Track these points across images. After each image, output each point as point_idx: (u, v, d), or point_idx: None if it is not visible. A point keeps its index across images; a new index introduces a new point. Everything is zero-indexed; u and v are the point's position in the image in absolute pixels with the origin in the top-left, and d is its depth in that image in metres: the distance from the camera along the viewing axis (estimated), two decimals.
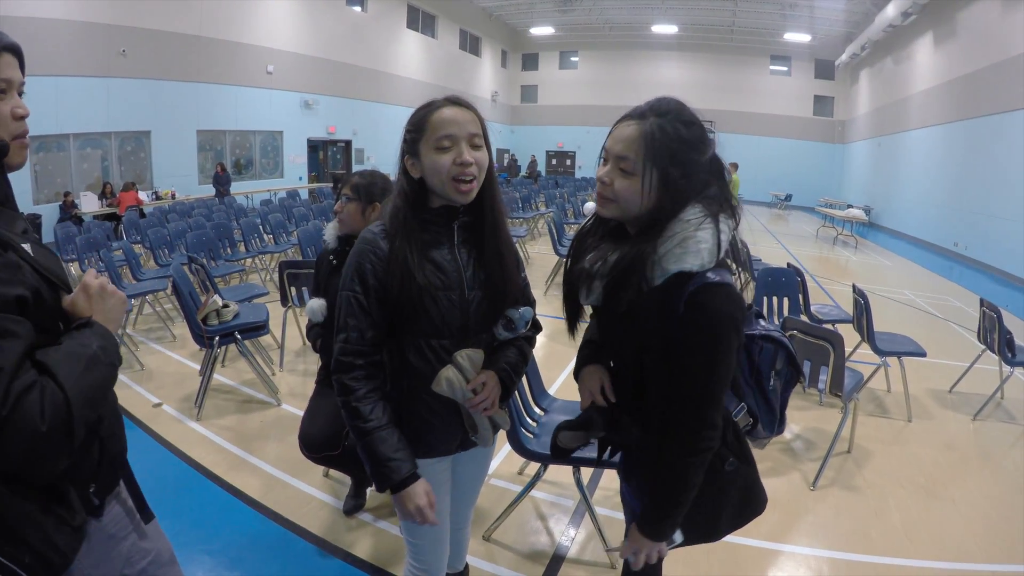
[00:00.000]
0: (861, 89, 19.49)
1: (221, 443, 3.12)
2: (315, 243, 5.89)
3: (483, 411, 1.34)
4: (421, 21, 19.14)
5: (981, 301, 4.06)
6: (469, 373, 1.31)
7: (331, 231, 2.23)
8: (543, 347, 4.52)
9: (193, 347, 4.26)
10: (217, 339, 3.46)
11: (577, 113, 23.66)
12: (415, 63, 18.76)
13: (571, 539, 2.42)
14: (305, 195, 13.41)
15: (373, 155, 17.29)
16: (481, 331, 1.36)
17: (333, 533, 2.39)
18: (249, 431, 3.27)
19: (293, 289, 4.11)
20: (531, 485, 2.40)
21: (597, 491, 2.74)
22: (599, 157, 1.20)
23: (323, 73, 15.24)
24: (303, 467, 2.76)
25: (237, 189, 12.97)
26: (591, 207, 1.27)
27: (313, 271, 2.45)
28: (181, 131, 11.98)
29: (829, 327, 2.93)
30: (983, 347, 4.06)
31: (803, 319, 3.91)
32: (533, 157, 24.13)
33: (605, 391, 1.31)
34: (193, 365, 4.23)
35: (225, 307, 3.57)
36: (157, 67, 11.09)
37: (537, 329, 1.50)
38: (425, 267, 1.27)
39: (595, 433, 1.32)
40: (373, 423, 1.25)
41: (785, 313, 4.29)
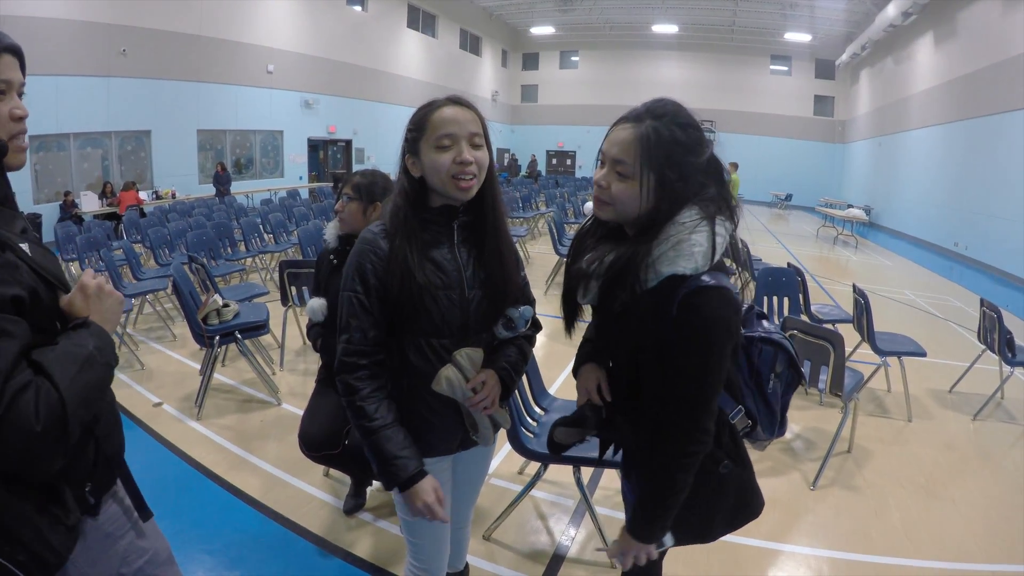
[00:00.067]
0: (861, 89, 19.49)
1: (221, 442, 3.12)
2: (315, 243, 5.90)
3: (483, 410, 1.34)
4: (421, 21, 19.13)
5: (981, 301, 4.06)
6: (469, 372, 1.31)
7: (332, 230, 2.24)
8: (543, 347, 4.53)
9: (193, 346, 4.26)
10: (217, 338, 3.47)
11: (577, 113, 23.65)
12: (415, 63, 18.76)
13: (571, 539, 2.42)
14: (305, 195, 13.40)
15: (373, 155, 17.29)
16: (481, 330, 1.36)
17: (333, 532, 2.39)
18: (249, 430, 3.27)
19: (293, 288, 4.11)
20: (531, 485, 2.41)
21: (597, 491, 2.74)
22: (596, 160, 1.20)
23: (323, 73, 15.23)
24: (303, 466, 2.76)
25: (237, 188, 12.97)
26: (591, 207, 1.27)
27: (313, 270, 2.45)
28: (181, 130, 11.98)
29: (829, 327, 2.93)
30: (983, 347, 4.06)
31: (803, 319, 3.91)
32: (533, 157, 24.12)
33: (601, 390, 1.31)
34: (193, 364, 4.23)
35: (225, 306, 3.57)
36: (157, 66, 11.09)
37: (537, 328, 1.50)
38: (425, 266, 1.27)
39: (588, 431, 1.32)
40: (379, 422, 1.26)
41: (785, 313, 4.28)
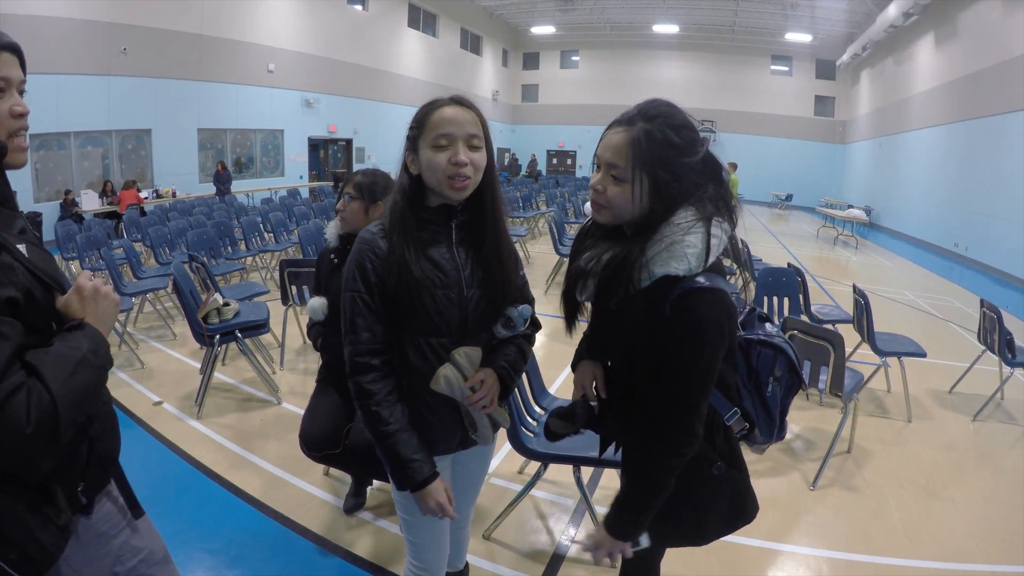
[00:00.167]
0: (862, 89, 19.48)
1: (221, 441, 3.12)
2: (316, 242, 5.90)
3: (482, 409, 1.35)
4: (422, 20, 19.13)
5: (981, 302, 4.06)
6: (467, 371, 1.31)
7: (332, 230, 2.24)
8: (543, 346, 4.53)
9: (194, 345, 4.26)
10: (218, 337, 3.47)
11: (578, 112, 23.64)
12: (416, 62, 18.75)
13: (571, 538, 2.42)
14: (306, 194, 13.40)
15: (374, 154, 17.29)
16: (480, 329, 1.37)
17: (333, 532, 2.39)
18: (249, 429, 3.27)
19: (294, 288, 4.11)
20: (531, 484, 2.41)
21: (597, 490, 2.74)
22: (592, 163, 1.20)
23: (324, 72, 15.23)
24: (303, 466, 2.76)
25: (238, 188, 12.97)
26: (591, 208, 1.29)
27: (314, 270, 2.46)
28: (182, 129, 11.98)
29: (829, 327, 2.93)
30: (983, 348, 4.06)
31: (803, 319, 3.91)
32: (533, 156, 24.11)
33: (597, 386, 1.32)
34: (194, 363, 4.23)
35: (226, 305, 3.57)
36: (158, 65, 11.09)
37: (536, 327, 1.50)
38: (422, 262, 1.28)
39: (577, 425, 1.34)
40: (394, 426, 1.27)
41: (785, 313, 4.29)
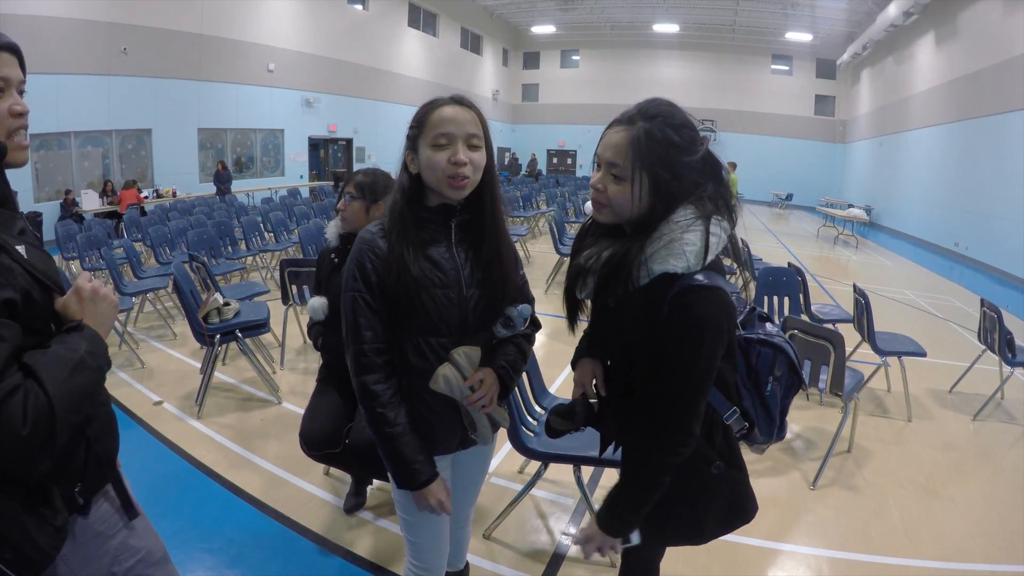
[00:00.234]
0: (862, 89, 19.47)
1: (222, 441, 3.13)
2: (316, 241, 5.90)
3: (481, 409, 1.35)
4: (422, 19, 19.12)
5: (981, 301, 4.05)
6: (466, 370, 1.31)
7: (333, 229, 2.24)
8: (543, 346, 4.53)
9: (194, 345, 4.27)
10: (218, 337, 3.47)
11: (578, 112, 23.64)
12: (416, 61, 18.75)
13: (564, 532, 2.42)
14: (306, 193, 13.40)
15: (374, 153, 17.29)
16: (479, 329, 1.37)
17: (334, 531, 2.39)
18: (250, 429, 3.27)
19: (294, 287, 4.11)
20: (532, 484, 2.41)
21: (597, 490, 2.74)
22: (592, 162, 1.21)
23: (324, 71, 15.22)
24: (304, 465, 2.77)
25: (238, 187, 12.97)
26: (591, 207, 1.30)
27: (314, 269, 2.46)
28: (182, 129, 11.98)
29: (830, 327, 2.93)
30: (983, 347, 4.06)
31: (804, 319, 3.91)
32: (533, 156, 24.09)
33: (597, 384, 1.32)
34: (194, 363, 4.23)
35: (226, 305, 3.57)
36: (158, 65, 11.09)
37: (536, 327, 1.50)
38: (421, 262, 1.28)
39: (577, 423, 1.34)
40: (399, 428, 1.29)
41: (786, 313, 4.29)
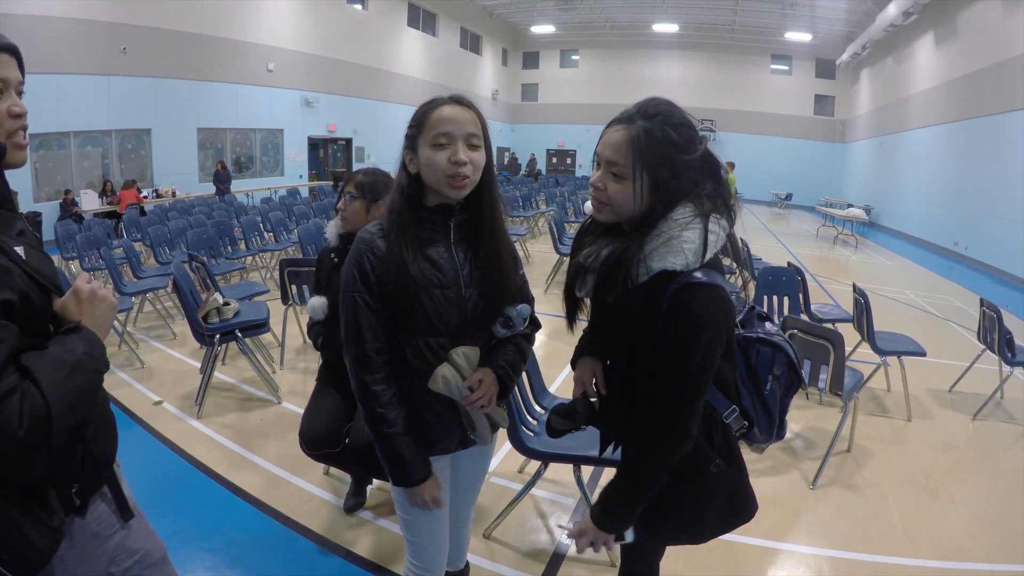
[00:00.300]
0: (862, 88, 19.48)
1: (222, 441, 3.12)
2: (315, 241, 5.90)
3: (480, 409, 1.35)
4: (422, 19, 19.12)
5: (981, 301, 4.06)
6: (465, 371, 1.31)
7: (332, 229, 2.24)
8: (543, 345, 4.53)
9: (194, 345, 4.26)
10: (218, 337, 3.47)
11: (578, 112, 23.63)
12: (416, 61, 18.74)
13: (571, 541, 2.42)
14: (305, 193, 13.40)
15: (373, 153, 17.29)
16: (479, 329, 1.37)
17: (333, 531, 2.39)
18: (249, 429, 3.27)
19: (294, 287, 4.11)
20: (531, 483, 2.41)
21: (597, 489, 2.72)
22: (592, 161, 1.21)
23: (324, 71, 15.22)
24: (303, 465, 2.77)
25: (237, 187, 12.97)
26: (591, 206, 1.30)
27: (314, 269, 2.46)
28: (182, 129, 11.97)
29: (829, 326, 2.93)
30: (983, 347, 4.06)
31: (803, 318, 3.91)
32: (532, 156, 24.07)
33: (597, 383, 1.32)
34: (194, 363, 4.23)
35: (226, 305, 3.57)
36: (158, 65, 11.09)
37: (536, 327, 1.50)
38: (420, 262, 1.28)
39: (578, 423, 1.34)
40: (397, 429, 1.30)
41: (785, 312, 4.29)
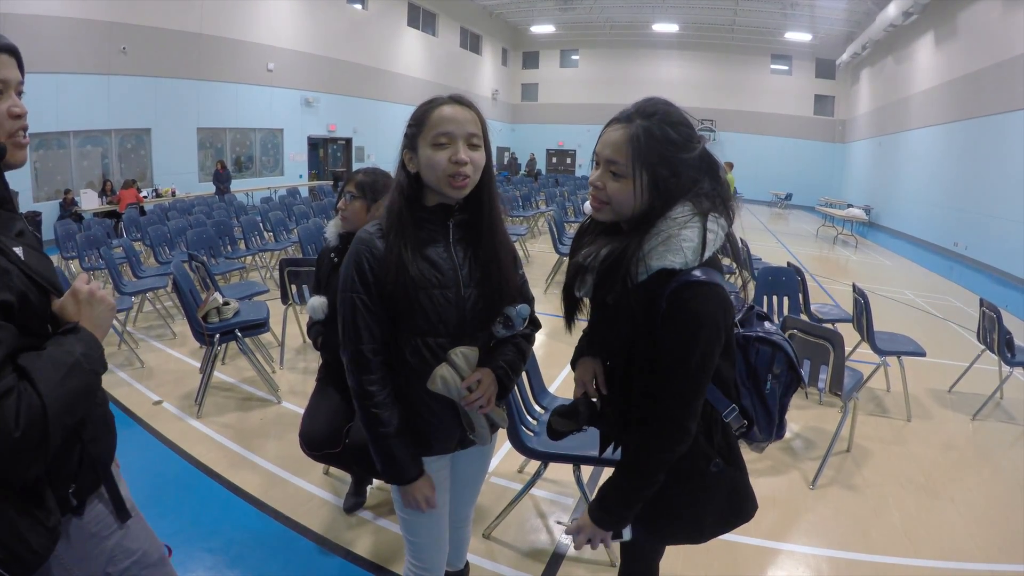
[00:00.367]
0: (862, 88, 19.47)
1: (221, 441, 3.12)
2: (315, 241, 5.90)
3: (479, 409, 1.35)
4: (422, 19, 19.11)
5: (981, 301, 4.06)
6: (464, 371, 1.31)
7: (332, 229, 2.24)
8: (543, 345, 4.53)
9: (193, 345, 4.26)
10: (217, 337, 3.47)
11: (578, 111, 23.61)
12: (416, 61, 18.74)
13: (569, 538, 2.42)
14: (305, 193, 13.40)
15: (373, 153, 17.29)
16: (478, 329, 1.37)
17: (333, 531, 2.39)
18: (249, 429, 3.27)
19: (294, 287, 4.11)
20: (531, 483, 2.41)
21: (597, 489, 2.74)
22: (591, 161, 1.21)
23: (323, 71, 15.21)
24: (303, 465, 2.77)
25: (237, 187, 12.97)
26: (591, 206, 1.32)
27: (314, 269, 2.45)
28: (181, 129, 11.97)
29: (829, 326, 2.93)
30: (983, 347, 4.06)
31: (803, 318, 3.91)
32: (532, 156, 24.05)
33: (597, 383, 1.33)
34: (193, 363, 4.23)
35: (225, 305, 3.57)
36: (157, 64, 11.08)
37: (536, 327, 1.50)
38: (419, 262, 1.28)
39: (580, 423, 1.34)
40: (391, 429, 1.30)
41: (785, 312, 4.29)
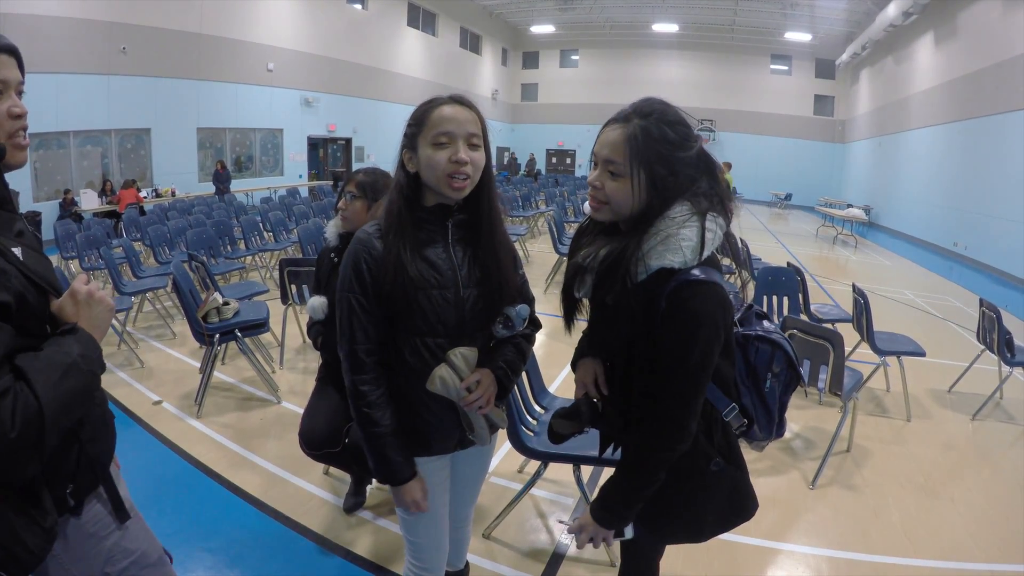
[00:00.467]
0: (861, 89, 19.48)
1: (221, 441, 3.12)
2: (315, 241, 5.90)
3: (478, 410, 1.35)
4: (422, 19, 19.11)
5: (980, 301, 4.06)
6: (463, 371, 1.31)
7: (332, 229, 2.24)
8: (543, 345, 4.53)
9: (193, 345, 4.26)
10: (217, 337, 3.47)
11: (577, 111, 23.61)
12: (415, 61, 18.74)
13: (571, 537, 2.42)
14: (305, 193, 13.40)
15: (373, 153, 17.29)
16: (477, 329, 1.37)
17: (333, 531, 2.39)
18: (249, 429, 3.27)
19: (293, 287, 4.11)
20: (531, 483, 2.41)
21: (597, 489, 2.74)
22: (589, 161, 1.21)
23: (323, 71, 15.22)
24: (303, 465, 2.77)
25: (237, 187, 12.97)
26: (589, 206, 1.33)
27: (314, 269, 2.46)
28: (181, 129, 11.97)
29: (829, 326, 2.93)
30: (982, 347, 4.06)
31: (803, 318, 3.91)
32: (532, 156, 24.05)
33: (598, 383, 1.33)
34: (193, 363, 4.23)
35: (225, 305, 3.57)
36: (157, 64, 11.08)
37: (536, 327, 1.50)
38: (418, 263, 1.28)
39: (582, 424, 1.34)
40: (383, 429, 1.30)
41: (785, 312, 4.29)
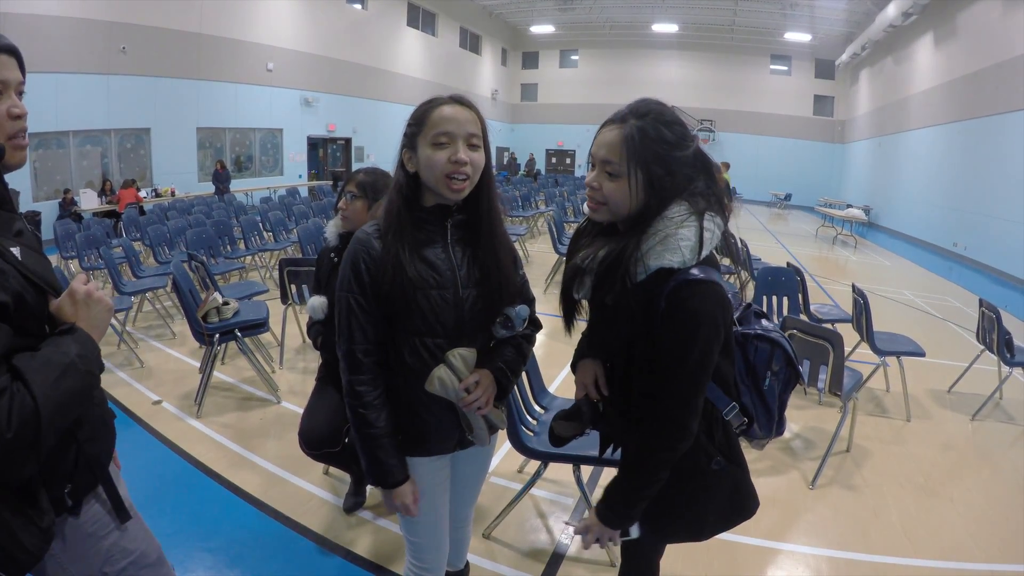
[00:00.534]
0: (861, 89, 19.48)
1: (221, 440, 3.12)
2: (315, 241, 5.90)
3: (477, 411, 1.34)
4: (421, 19, 19.11)
5: (980, 301, 4.06)
6: (462, 372, 1.31)
7: (332, 228, 2.24)
8: (543, 345, 4.53)
9: (193, 344, 4.26)
10: (217, 337, 3.47)
11: (577, 112, 23.60)
12: (415, 61, 18.74)
13: (571, 537, 2.42)
14: (305, 193, 13.40)
15: (373, 153, 17.29)
16: (476, 330, 1.36)
17: (333, 531, 2.39)
18: (249, 429, 3.27)
19: (293, 287, 4.11)
20: (531, 483, 2.41)
21: (597, 489, 2.74)
22: (587, 162, 1.22)
23: (323, 71, 15.22)
24: (303, 465, 2.77)
25: (237, 187, 12.96)
26: (587, 207, 1.33)
27: (313, 269, 2.45)
28: (181, 128, 11.97)
29: (828, 326, 2.93)
30: (982, 347, 4.06)
31: (803, 318, 3.91)
32: (531, 156, 24.05)
33: (598, 384, 1.33)
34: (193, 363, 4.23)
35: (225, 305, 3.57)
36: (157, 64, 11.08)
37: (536, 327, 1.50)
38: (417, 263, 1.28)
39: (584, 425, 1.34)
40: (378, 431, 1.30)
41: (785, 312, 4.29)
